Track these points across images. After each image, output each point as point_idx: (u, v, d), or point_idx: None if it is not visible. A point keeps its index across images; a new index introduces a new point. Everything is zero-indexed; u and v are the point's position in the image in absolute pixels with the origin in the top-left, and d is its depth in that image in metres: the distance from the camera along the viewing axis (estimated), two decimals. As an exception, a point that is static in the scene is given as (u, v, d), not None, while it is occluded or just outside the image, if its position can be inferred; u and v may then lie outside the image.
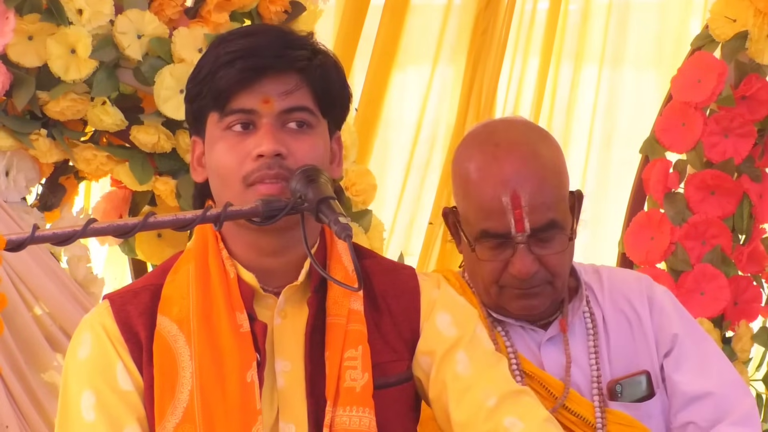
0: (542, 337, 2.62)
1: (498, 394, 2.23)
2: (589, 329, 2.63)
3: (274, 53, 2.19)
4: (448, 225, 2.64)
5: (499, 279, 2.55)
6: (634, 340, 2.65)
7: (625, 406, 2.59)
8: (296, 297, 2.23)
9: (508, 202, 2.50)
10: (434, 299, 2.30)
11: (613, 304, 2.67)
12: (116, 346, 2.20)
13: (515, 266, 2.52)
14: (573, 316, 2.63)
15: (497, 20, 4.48)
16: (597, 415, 2.57)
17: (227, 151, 2.18)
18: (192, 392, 2.16)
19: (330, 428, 2.17)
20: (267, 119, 2.18)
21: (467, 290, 2.64)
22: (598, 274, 2.70)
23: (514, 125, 2.63)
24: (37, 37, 3.22)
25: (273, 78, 2.18)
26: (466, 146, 2.60)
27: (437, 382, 2.26)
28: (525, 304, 2.57)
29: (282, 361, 2.21)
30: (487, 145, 2.55)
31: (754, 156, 3.98)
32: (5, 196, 3.25)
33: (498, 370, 2.28)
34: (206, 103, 2.20)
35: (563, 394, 2.56)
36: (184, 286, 2.22)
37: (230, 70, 2.17)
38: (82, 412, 2.18)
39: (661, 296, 2.69)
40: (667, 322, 2.66)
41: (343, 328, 2.21)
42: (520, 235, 2.51)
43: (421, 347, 2.27)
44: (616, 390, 2.59)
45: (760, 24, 3.92)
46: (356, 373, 2.19)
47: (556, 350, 2.61)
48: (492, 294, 2.58)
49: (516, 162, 2.52)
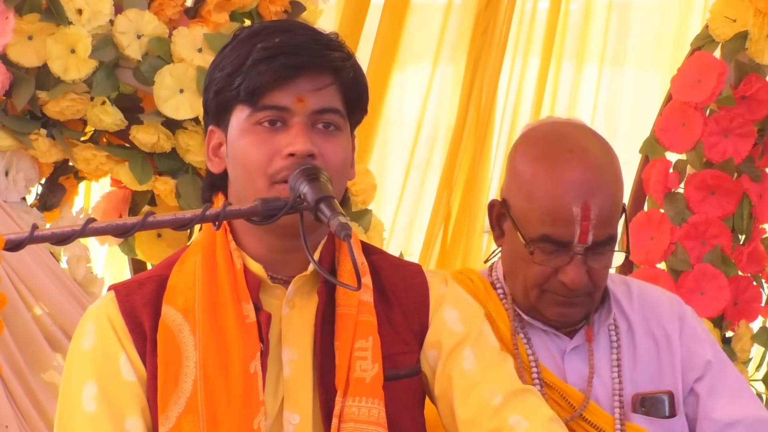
0: (567, 345, 2.60)
1: (504, 392, 2.24)
2: (614, 342, 2.61)
3: (314, 53, 2.19)
4: (491, 216, 2.60)
5: (544, 283, 2.52)
6: (659, 358, 2.63)
7: (647, 420, 2.57)
8: (305, 287, 2.24)
9: (578, 212, 2.47)
10: (442, 294, 2.31)
11: (642, 319, 2.66)
12: (120, 336, 2.21)
13: (568, 275, 2.49)
14: (599, 327, 2.61)
15: (497, 20, 4.48)
16: (617, 427, 2.55)
17: (256, 146, 2.18)
18: (195, 382, 2.16)
19: (339, 418, 2.17)
20: (299, 118, 2.18)
21: (492, 292, 2.62)
22: (627, 287, 2.69)
23: (584, 131, 2.59)
24: (36, 37, 3.22)
25: (309, 77, 2.19)
26: (533, 144, 2.55)
27: (443, 377, 2.26)
28: (564, 312, 2.55)
29: (289, 350, 2.21)
30: (560, 149, 2.51)
31: (754, 156, 3.98)
32: (5, 196, 3.25)
33: (504, 368, 2.29)
34: (237, 95, 2.19)
35: (583, 404, 2.54)
36: (191, 277, 2.22)
37: (271, 65, 2.16)
38: (83, 402, 2.18)
39: (692, 319, 2.68)
40: (699, 348, 2.64)
41: (354, 318, 2.21)
42: (580, 246, 2.48)
43: (429, 340, 2.28)
44: (640, 404, 2.58)
45: (760, 24, 3.92)
46: (366, 363, 2.19)
47: (579, 360, 2.59)
48: (531, 297, 2.55)
49: (589, 172, 2.49)
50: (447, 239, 4.53)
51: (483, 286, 2.62)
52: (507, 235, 2.57)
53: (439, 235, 4.50)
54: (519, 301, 2.60)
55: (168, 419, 2.15)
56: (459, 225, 4.53)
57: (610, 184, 2.51)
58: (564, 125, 2.62)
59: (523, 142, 2.58)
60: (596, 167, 2.50)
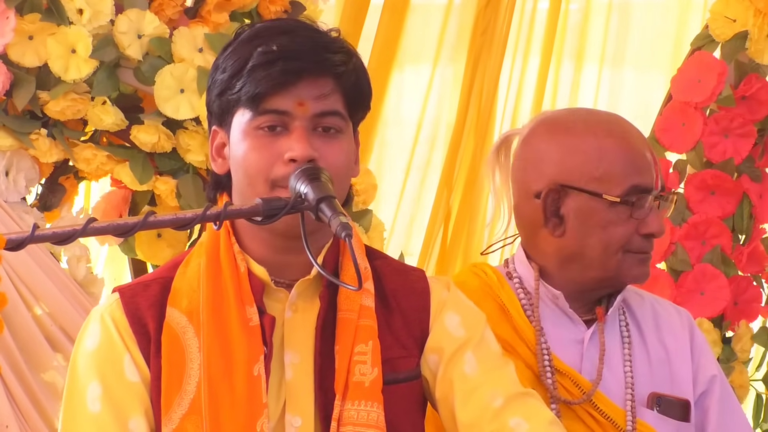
0: (585, 334, 2.63)
1: (504, 395, 2.24)
2: (625, 337, 2.66)
3: (314, 57, 2.18)
4: (546, 207, 2.61)
5: (627, 243, 2.58)
6: (672, 365, 2.67)
7: (659, 418, 2.61)
8: (308, 291, 2.24)
9: (650, 156, 2.61)
10: (444, 300, 2.31)
11: (655, 329, 2.70)
12: (124, 337, 2.21)
13: (654, 224, 2.57)
14: (611, 314, 2.66)
15: (497, 20, 4.48)
16: (628, 419, 2.58)
17: (257, 151, 2.17)
18: (199, 384, 2.16)
19: (338, 422, 2.17)
20: (300, 122, 2.17)
21: (505, 283, 2.65)
22: (641, 297, 2.74)
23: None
24: (37, 36, 3.22)
25: (309, 81, 2.18)
26: (570, 123, 2.63)
27: (444, 382, 2.27)
28: (645, 272, 2.62)
29: (291, 353, 2.21)
30: (600, 117, 2.66)
31: (754, 156, 3.98)
32: (5, 196, 3.25)
33: (505, 372, 2.29)
34: (238, 99, 2.19)
35: (593, 388, 2.57)
36: (195, 279, 2.22)
37: (270, 70, 2.15)
38: (88, 403, 2.18)
39: (699, 335, 2.73)
40: (706, 363, 2.70)
41: (354, 323, 2.21)
42: (656, 192, 2.59)
43: (430, 344, 2.28)
44: (656, 402, 2.61)
45: (760, 24, 3.92)
46: (366, 367, 2.19)
47: (595, 349, 2.63)
48: (613, 263, 2.59)
49: (636, 128, 2.65)
50: (447, 239, 4.52)
51: (496, 277, 2.65)
52: (572, 215, 2.59)
53: (439, 234, 4.49)
54: (585, 278, 2.62)
55: (171, 420, 2.15)
56: (459, 225, 4.53)
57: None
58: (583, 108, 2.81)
59: (552, 127, 2.64)
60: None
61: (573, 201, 2.58)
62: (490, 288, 2.63)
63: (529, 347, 2.59)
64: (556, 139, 2.61)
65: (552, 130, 2.63)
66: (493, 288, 2.63)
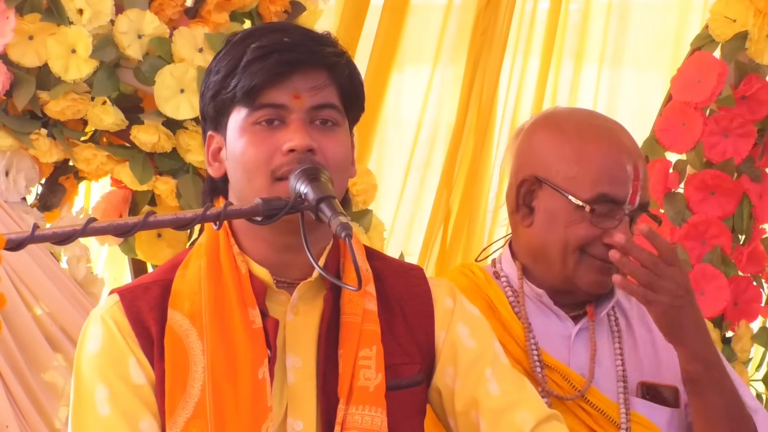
0: (572, 330, 2.66)
1: (534, 419, 2.26)
2: (614, 330, 2.69)
3: (308, 49, 2.20)
4: (518, 196, 2.67)
5: (587, 245, 2.59)
6: (657, 350, 2.70)
7: (651, 407, 2.63)
8: (310, 294, 2.24)
9: (631, 172, 2.60)
10: (451, 309, 2.31)
11: (639, 317, 2.74)
12: (128, 340, 2.20)
13: (618, 236, 2.56)
14: (601, 311, 2.68)
15: (497, 20, 4.47)
16: (622, 412, 2.60)
17: (255, 145, 2.18)
18: (204, 387, 2.15)
19: (342, 426, 2.17)
20: (297, 115, 2.18)
21: (492, 281, 2.69)
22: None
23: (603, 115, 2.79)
24: (37, 36, 3.22)
25: (304, 74, 2.19)
26: (564, 121, 2.67)
27: (464, 397, 2.27)
28: (601, 281, 2.62)
29: (293, 357, 2.21)
30: (599, 121, 2.69)
31: (754, 156, 3.98)
32: (5, 196, 3.24)
33: (528, 392, 2.31)
34: (233, 97, 2.19)
35: (586, 384, 2.60)
36: (195, 282, 2.22)
37: (265, 63, 2.17)
38: (97, 406, 2.18)
39: None
40: None
41: (358, 327, 2.21)
42: (630, 207, 2.60)
43: (444, 357, 2.29)
44: (645, 391, 2.62)
45: (760, 24, 3.92)
46: (370, 372, 2.19)
47: (582, 345, 2.66)
48: (570, 263, 2.61)
49: (631, 140, 2.66)
50: (447, 239, 4.52)
51: (483, 276, 2.70)
52: (541, 208, 2.64)
53: (439, 234, 4.49)
54: (551, 276, 2.65)
55: (176, 424, 2.15)
56: (459, 225, 4.53)
57: (642, 155, 2.69)
58: (582, 109, 2.83)
59: (548, 123, 2.69)
60: (632, 138, 2.67)
61: (544, 195, 2.63)
62: (478, 286, 2.68)
63: (518, 343, 2.62)
64: (547, 134, 2.66)
65: (547, 125, 2.68)
66: (481, 286, 2.68)
